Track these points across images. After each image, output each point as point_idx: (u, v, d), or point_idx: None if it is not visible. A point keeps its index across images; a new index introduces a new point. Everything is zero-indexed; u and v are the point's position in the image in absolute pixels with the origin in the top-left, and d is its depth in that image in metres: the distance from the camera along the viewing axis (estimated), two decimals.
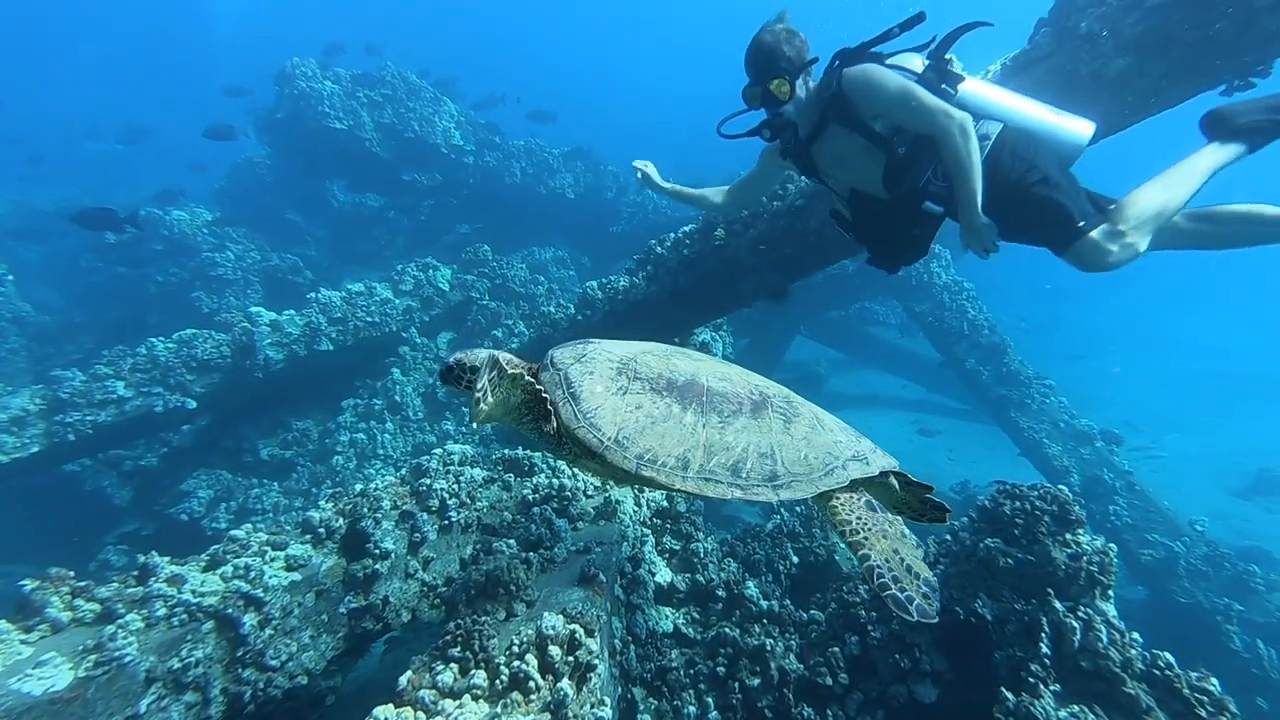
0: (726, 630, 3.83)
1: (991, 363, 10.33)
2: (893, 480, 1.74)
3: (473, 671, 2.61)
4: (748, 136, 3.00)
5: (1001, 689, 2.94)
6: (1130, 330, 27.69)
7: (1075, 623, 3.02)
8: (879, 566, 1.51)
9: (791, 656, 3.64)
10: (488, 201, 14.53)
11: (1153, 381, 20.82)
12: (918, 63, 2.75)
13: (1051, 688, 2.96)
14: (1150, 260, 2.75)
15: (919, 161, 2.70)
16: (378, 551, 3.74)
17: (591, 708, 2.59)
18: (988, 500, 3.52)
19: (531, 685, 2.55)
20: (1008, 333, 10.88)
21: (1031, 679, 2.97)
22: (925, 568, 1.55)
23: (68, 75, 47.64)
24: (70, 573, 3.07)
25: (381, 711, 2.41)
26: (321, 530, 3.80)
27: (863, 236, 3.12)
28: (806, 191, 5.22)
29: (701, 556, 4.52)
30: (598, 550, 3.63)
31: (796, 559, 4.80)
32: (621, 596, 3.96)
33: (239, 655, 3.17)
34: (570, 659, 2.67)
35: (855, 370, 15.17)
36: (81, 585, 3.04)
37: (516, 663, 2.60)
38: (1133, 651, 2.96)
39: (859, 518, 1.59)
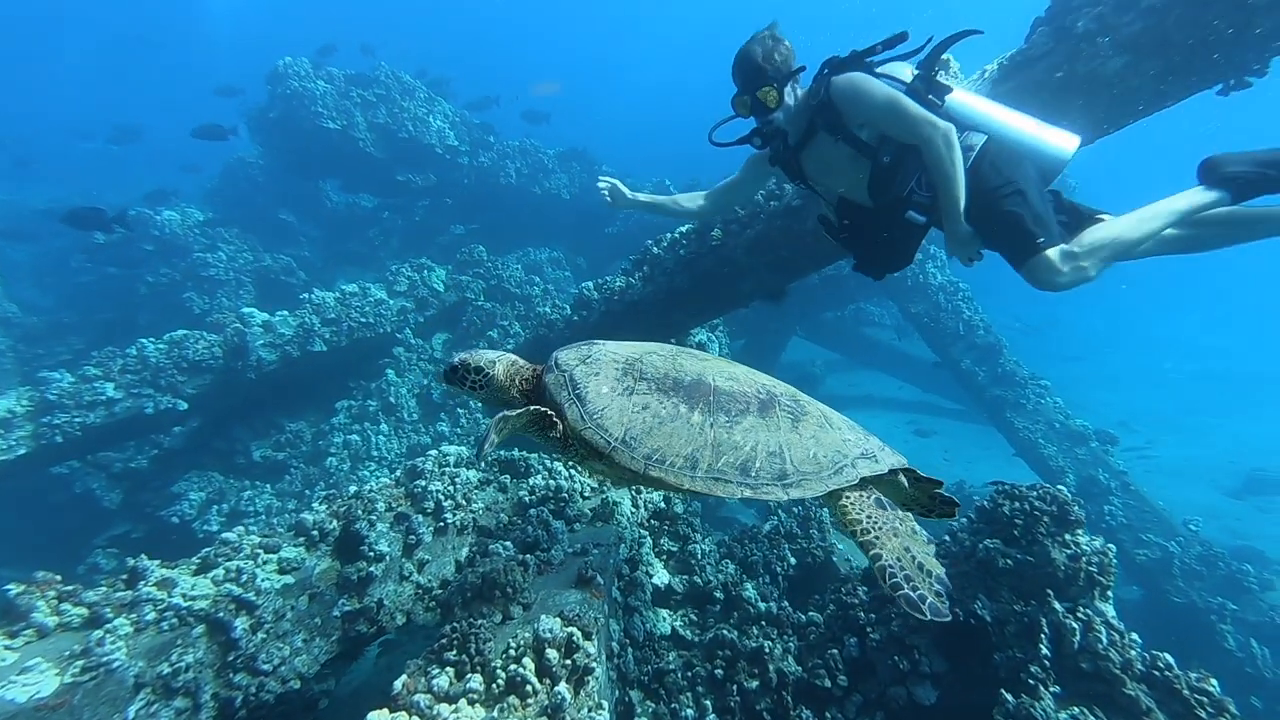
0: (724, 632, 3.80)
1: (987, 363, 10.36)
2: (901, 478, 1.72)
3: (469, 675, 2.58)
4: (738, 144, 3.01)
5: (1001, 690, 2.93)
6: (1127, 332, 27.86)
7: (1075, 624, 3.01)
8: (891, 566, 1.49)
9: (790, 659, 3.61)
10: (482, 202, 14.48)
11: (1147, 382, 20.98)
12: (907, 72, 2.77)
13: (1051, 689, 2.95)
14: (1145, 263, 2.75)
15: (904, 170, 2.72)
16: (372, 554, 3.71)
17: (589, 711, 2.57)
18: (986, 501, 3.51)
19: (528, 689, 2.52)
20: (1004, 334, 10.91)
21: (1031, 680, 2.96)
22: (937, 564, 1.52)
23: (59, 75, 47.32)
24: (57, 577, 3.02)
25: (375, 717, 2.37)
26: (315, 533, 3.76)
27: (849, 243, 3.15)
28: (803, 193, 5.20)
29: (699, 558, 4.49)
30: (595, 552, 3.61)
31: (794, 560, 4.78)
32: (619, 599, 3.93)
33: (230, 660, 3.13)
34: (568, 662, 2.65)
35: (851, 371, 15.21)
36: (68, 589, 2.98)
37: (513, 666, 2.58)
38: (1132, 652, 2.95)
39: (869, 516, 1.57)
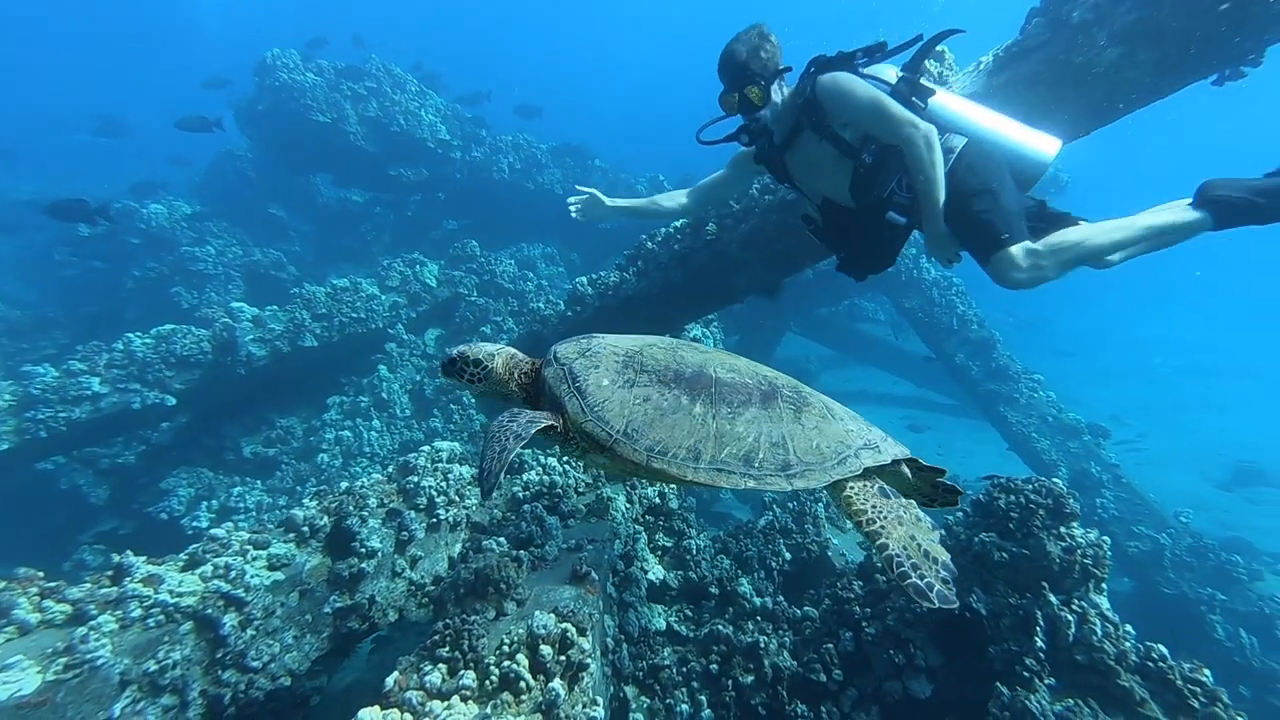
0: (720, 627, 3.79)
1: (981, 358, 10.39)
2: (904, 468, 1.70)
3: (462, 672, 2.55)
4: (725, 142, 3.02)
5: (997, 684, 2.92)
6: (1118, 328, 28.07)
7: (1070, 616, 3.01)
8: (898, 555, 1.48)
9: (785, 653, 3.61)
10: (475, 197, 14.37)
11: (1137, 377, 21.17)
12: (891, 73, 2.78)
13: (1046, 682, 2.96)
14: (1137, 261, 2.73)
15: (885, 171, 2.74)
16: (364, 550, 3.67)
17: (584, 708, 2.54)
18: (982, 495, 3.50)
19: (522, 685, 2.50)
20: (998, 328, 10.93)
21: (1026, 673, 2.96)
22: (943, 551, 1.52)
23: (43, 66, 46.57)
24: (39, 573, 2.96)
25: (367, 714, 2.34)
26: (305, 529, 3.72)
27: (832, 243, 3.17)
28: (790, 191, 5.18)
29: (694, 553, 4.48)
30: (589, 548, 3.58)
31: (789, 555, 4.77)
32: (614, 594, 3.90)
33: (219, 657, 3.09)
34: (562, 658, 2.62)
35: (846, 367, 15.24)
36: (51, 586, 2.93)
37: (507, 663, 2.55)
38: (1126, 644, 2.96)
39: (874, 505, 1.57)
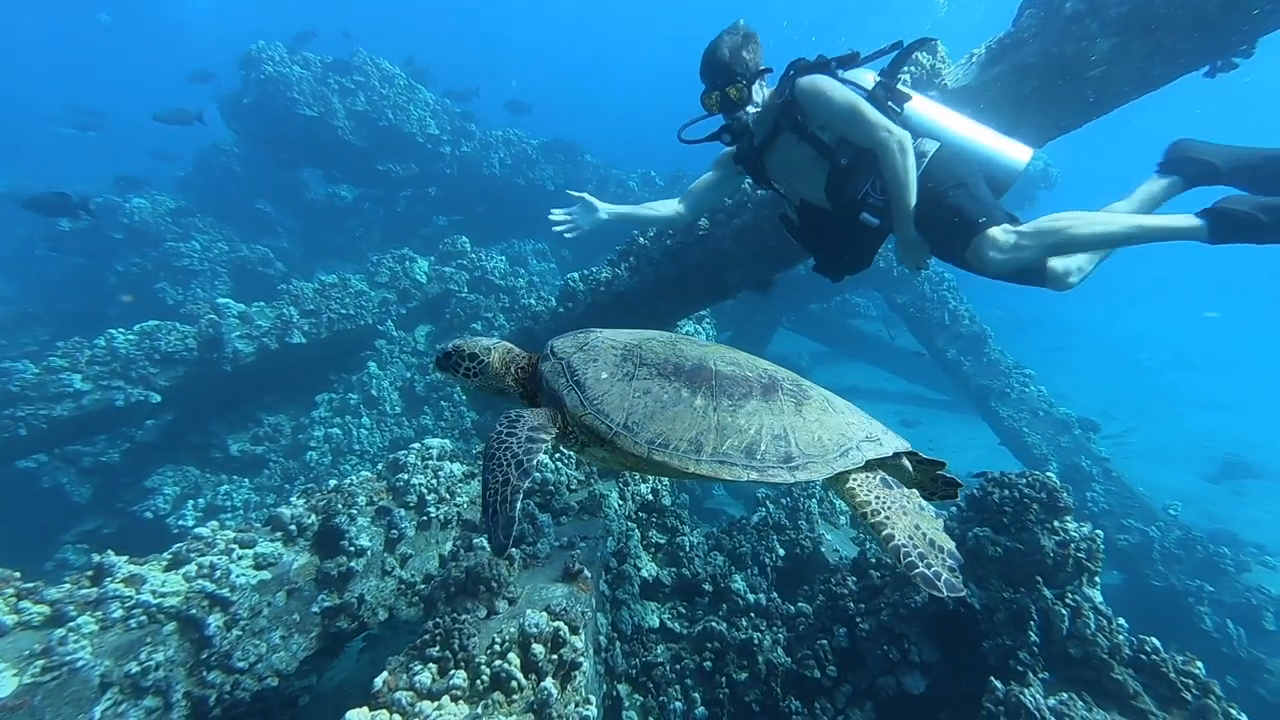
0: (713, 624, 3.78)
1: (972, 353, 10.43)
2: (905, 461, 1.69)
3: (452, 672, 2.52)
4: (707, 141, 3.05)
5: (990, 678, 2.91)
6: (1106, 324, 28.32)
7: (1064, 610, 3.01)
8: (904, 545, 1.47)
9: (779, 650, 3.59)
10: (466, 193, 14.24)
11: (1125, 372, 21.39)
12: (869, 78, 2.83)
13: (1040, 676, 2.95)
14: (1129, 258, 2.72)
15: (860, 174, 2.78)
16: (353, 549, 3.62)
17: (576, 706, 2.51)
18: (976, 489, 3.49)
19: (514, 685, 2.47)
20: (991, 324, 10.96)
21: (1020, 667, 2.96)
22: (948, 539, 1.52)
23: (21, 57, 45.69)
24: (15, 573, 2.89)
25: (355, 715, 2.30)
26: (293, 527, 3.66)
27: (809, 244, 3.21)
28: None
29: (687, 550, 4.46)
30: (582, 545, 3.55)
31: (783, 551, 4.76)
32: (606, 592, 3.88)
33: (204, 658, 3.04)
34: (554, 657, 2.59)
35: (837, 362, 15.26)
36: (28, 587, 2.85)
37: (498, 662, 2.52)
38: (1120, 637, 2.96)
39: (878, 497, 1.56)
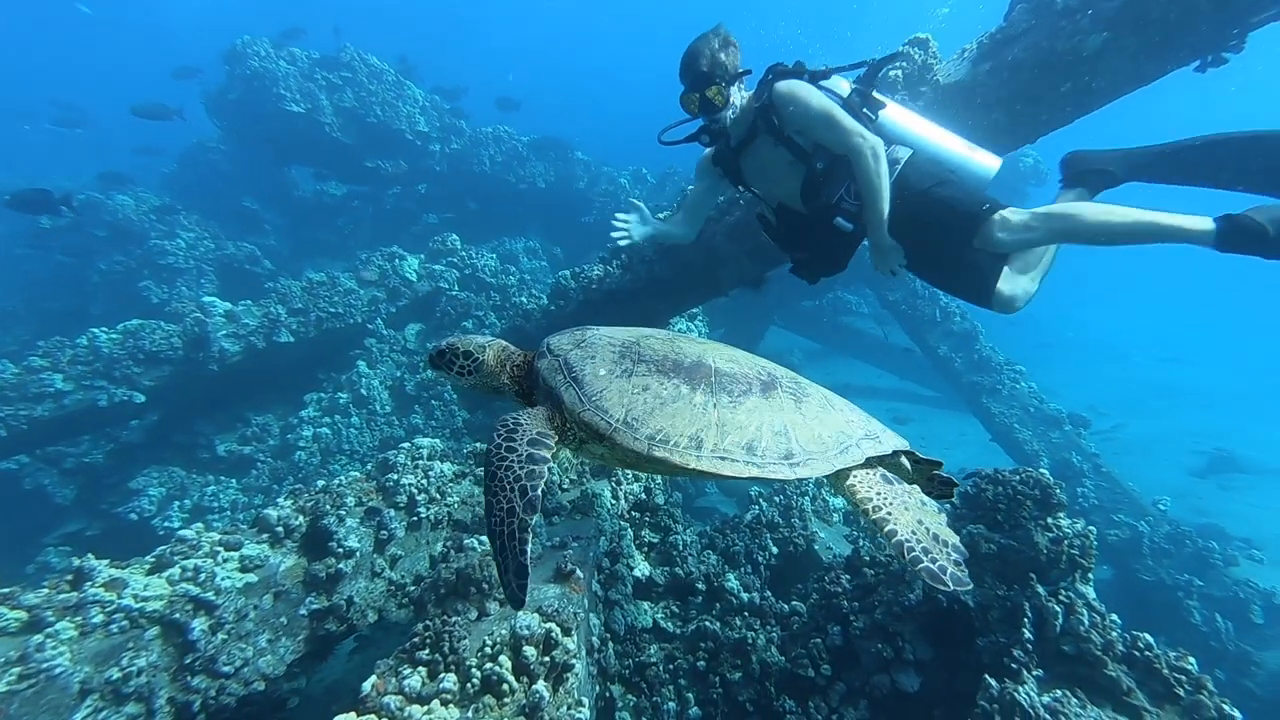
0: (707, 624, 3.75)
1: (964, 350, 10.46)
2: (903, 460, 1.67)
3: (442, 675, 2.48)
4: (685, 142, 3.08)
5: (985, 676, 2.90)
6: (1095, 321, 28.59)
7: (1057, 607, 3.00)
8: (908, 540, 1.46)
9: (773, 649, 3.58)
10: (456, 190, 14.13)
11: (1114, 368, 21.59)
12: (844, 86, 2.90)
13: (1034, 673, 2.94)
14: (1112, 258, 2.72)
15: (835, 178, 2.82)
16: (341, 550, 3.57)
17: (568, 709, 2.48)
18: (970, 487, 3.48)
19: (505, 688, 2.43)
20: (982, 321, 10.97)
21: (1014, 665, 2.95)
22: (952, 534, 1.51)
23: (6, 53, 44.92)
24: None
25: None
26: (280, 529, 3.61)
27: (786, 245, 3.24)
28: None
29: (680, 549, 4.43)
30: (574, 545, 3.51)
31: (776, 550, 4.75)
32: (599, 592, 3.84)
33: (188, 662, 2.98)
34: (546, 659, 2.56)
35: (829, 359, 15.27)
36: (4, 592, 2.78)
37: (489, 664, 2.48)
38: (1113, 634, 2.96)
39: (879, 493, 1.56)
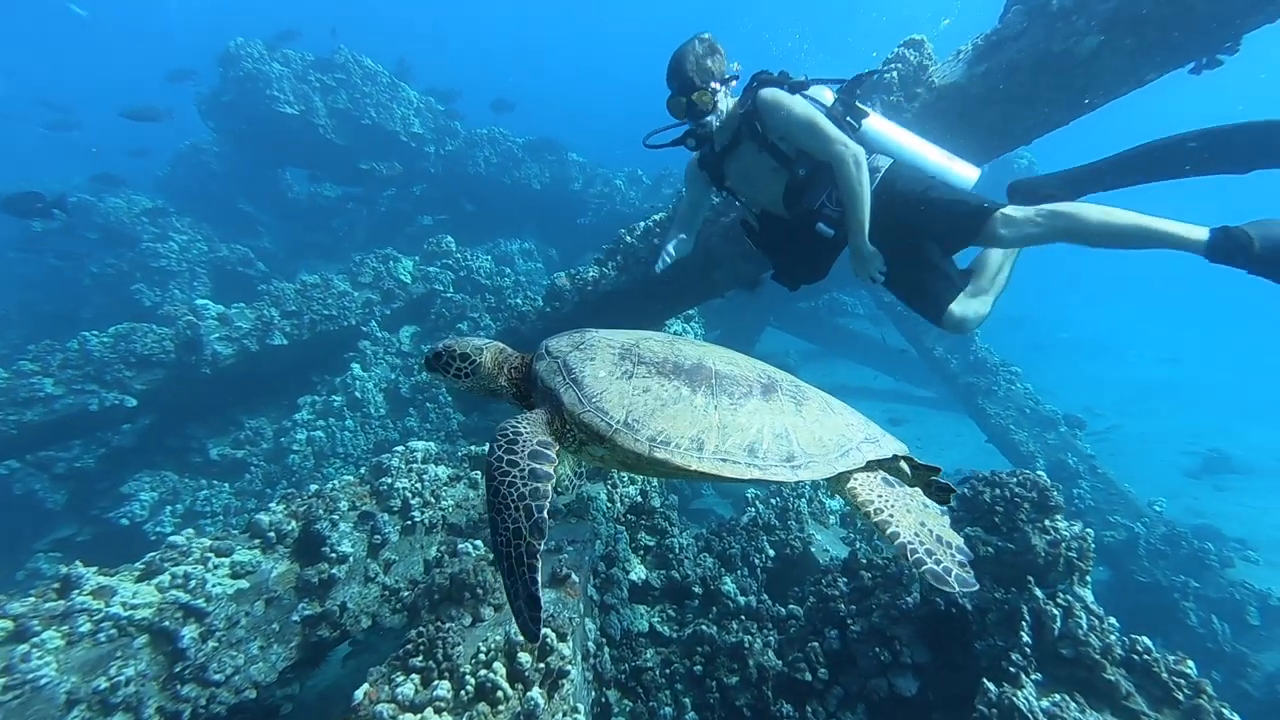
0: (703, 628, 3.73)
1: (959, 351, 10.47)
2: (902, 464, 1.66)
3: (436, 682, 2.45)
4: (672, 146, 3.12)
5: (983, 680, 2.88)
6: (1091, 321, 28.72)
7: (1055, 610, 2.99)
8: (910, 542, 1.46)
9: (770, 653, 3.55)
10: (451, 192, 14.10)
11: (1109, 369, 21.67)
12: (828, 95, 2.94)
13: (1032, 677, 2.92)
14: (1105, 257, 2.72)
15: (817, 185, 2.86)
16: (334, 555, 3.54)
17: (564, 716, 2.45)
18: (967, 489, 3.47)
19: (499, 695, 2.40)
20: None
21: (1012, 668, 2.93)
22: (955, 535, 1.51)
23: (5, 56, 44.62)
24: None
25: None
26: (271, 534, 3.57)
27: (768, 251, 3.27)
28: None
29: (677, 552, 4.40)
30: (570, 549, 3.49)
31: (773, 552, 4.72)
32: (595, 597, 3.81)
33: (177, 671, 2.95)
34: (541, 665, 2.53)
35: (825, 360, 15.27)
36: None
37: (483, 671, 2.45)
38: (1111, 637, 2.94)
39: (880, 495, 1.56)
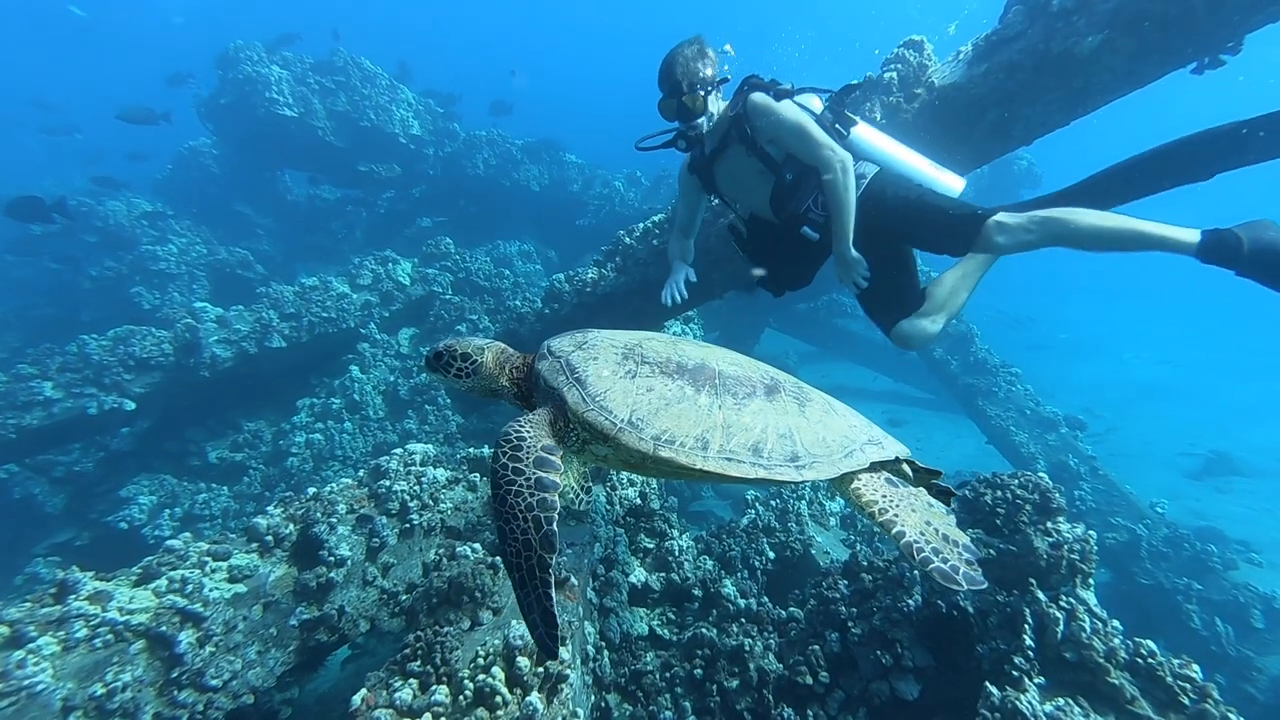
0: (703, 631, 3.70)
1: (959, 352, 10.45)
2: (904, 466, 1.65)
3: (434, 687, 2.43)
4: (663, 148, 3.12)
5: (985, 683, 2.86)
6: (1088, 322, 28.72)
7: (1058, 613, 2.96)
8: (916, 541, 1.45)
9: (770, 656, 3.53)
10: (450, 194, 14.10)
11: (1108, 370, 21.66)
12: (816, 103, 2.97)
13: (1036, 680, 2.90)
14: (1113, 260, 2.70)
15: (804, 189, 2.88)
16: (332, 559, 3.52)
17: None
18: (968, 491, 3.45)
19: (498, 700, 2.38)
20: (977, 323, 10.94)
21: (1015, 672, 2.91)
22: (961, 533, 1.50)
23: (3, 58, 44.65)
24: None
25: None
26: (269, 538, 3.55)
27: (754, 255, 3.28)
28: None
29: (676, 555, 4.38)
30: (569, 552, 3.47)
31: (773, 554, 4.70)
32: (594, 600, 3.79)
33: (174, 677, 2.92)
34: (539, 670, 2.51)
35: (824, 361, 15.26)
36: None
37: (482, 676, 2.44)
38: (1115, 640, 2.92)
39: (885, 495, 1.55)
